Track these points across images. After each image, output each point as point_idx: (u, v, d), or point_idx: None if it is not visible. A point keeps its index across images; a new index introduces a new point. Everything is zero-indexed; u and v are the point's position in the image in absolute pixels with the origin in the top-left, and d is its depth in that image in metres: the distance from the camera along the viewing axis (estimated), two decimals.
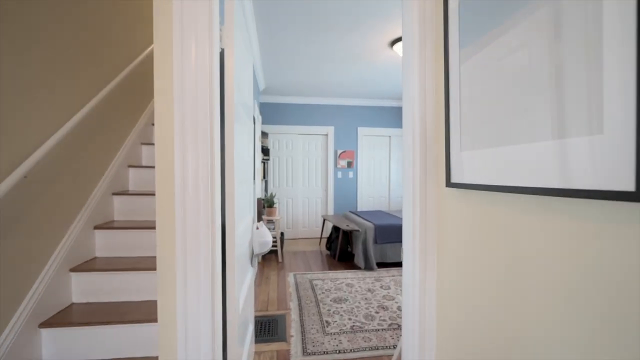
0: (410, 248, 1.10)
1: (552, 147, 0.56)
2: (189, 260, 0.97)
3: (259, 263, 3.98)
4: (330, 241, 4.41)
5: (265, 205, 4.14)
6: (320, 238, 5.09)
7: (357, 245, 3.75)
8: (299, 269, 3.74)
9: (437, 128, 1.04)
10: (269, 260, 4.15)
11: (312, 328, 2.23)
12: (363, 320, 2.35)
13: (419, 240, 1.07)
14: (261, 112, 5.35)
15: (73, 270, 1.66)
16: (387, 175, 5.78)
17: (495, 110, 0.72)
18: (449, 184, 0.93)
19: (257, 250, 1.79)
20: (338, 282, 3.25)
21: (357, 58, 3.57)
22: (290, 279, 3.37)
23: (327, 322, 2.33)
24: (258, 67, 3.97)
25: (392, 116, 5.72)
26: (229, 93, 1.16)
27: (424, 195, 1.07)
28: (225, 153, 1.17)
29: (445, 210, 1.00)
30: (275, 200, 5.40)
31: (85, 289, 1.68)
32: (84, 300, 1.68)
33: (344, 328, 2.24)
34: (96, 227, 1.87)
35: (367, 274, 3.52)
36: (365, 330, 2.20)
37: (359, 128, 5.61)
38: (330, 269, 3.74)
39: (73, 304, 1.66)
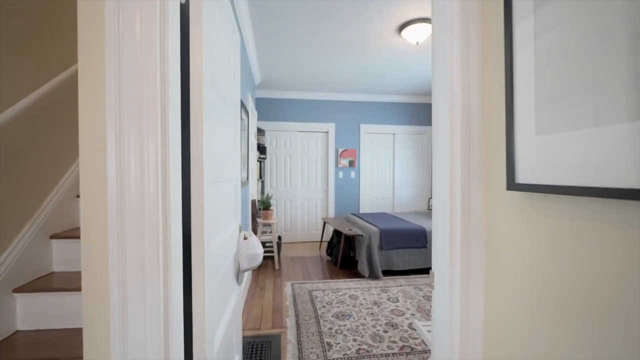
0: (446, 273, 0.79)
1: None
2: (130, 299, 0.66)
3: (253, 271, 3.68)
4: (332, 246, 4.10)
5: (260, 208, 3.83)
6: (321, 242, 4.78)
7: (361, 251, 3.44)
8: (297, 278, 3.44)
9: (488, 108, 0.74)
10: (265, 267, 3.84)
11: (311, 353, 1.92)
12: (370, 342, 2.04)
13: (459, 263, 0.76)
14: (257, 108, 5.05)
15: (18, 290, 1.35)
16: (390, 175, 5.47)
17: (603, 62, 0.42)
18: (513, 185, 0.63)
19: (244, 265, 1.49)
20: (340, 293, 2.94)
21: (360, 47, 3.27)
22: (288, 289, 3.06)
23: (328, 344, 2.02)
24: (253, 59, 3.67)
25: (397, 112, 5.41)
26: (197, 62, 0.86)
27: (467, 201, 0.76)
28: (191, 147, 0.86)
29: (502, 224, 0.69)
30: (272, 201, 5.10)
31: (34, 312, 1.37)
32: (32, 328, 1.37)
33: (349, 352, 1.93)
34: (53, 237, 1.57)
35: (372, 283, 3.22)
36: (374, 356, 1.89)
37: (361, 125, 5.31)
38: (331, 278, 3.43)
39: (18, 331, 1.35)
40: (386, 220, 3.95)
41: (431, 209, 5.43)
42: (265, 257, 4.18)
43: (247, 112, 3.13)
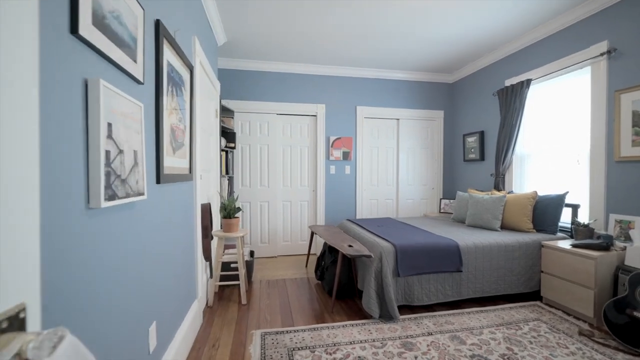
0: None
1: None
2: None
3: (208, 307, 2.51)
4: (322, 266, 2.98)
5: (221, 216, 2.67)
6: (308, 256, 3.66)
7: (367, 278, 2.34)
8: (273, 319, 2.30)
9: None
10: (227, 300, 2.68)
11: None
12: None
13: None
14: (222, 81, 3.87)
15: None
16: (394, 170, 4.41)
17: None
18: None
19: None
20: (340, 354, 1.83)
21: None
22: (255, 347, 1.93)
23: None
24: (210, 5, 2.52)
25: (402, 92, 4.35)
26: None
27: None
28: None
29: None
30: (240, 205, 3.93)
31: None
32: None
33: None
34: None
35: (386, 329, 2.12)
36: None
37: (358, 107, 4.22)
38: (324, 320, 2.31)
39: None
40: (399, 231, 2.86)
41: (445, 212, 4.37)
42: (228, 286, 3.00)
43: (188, 66, 1.97)
